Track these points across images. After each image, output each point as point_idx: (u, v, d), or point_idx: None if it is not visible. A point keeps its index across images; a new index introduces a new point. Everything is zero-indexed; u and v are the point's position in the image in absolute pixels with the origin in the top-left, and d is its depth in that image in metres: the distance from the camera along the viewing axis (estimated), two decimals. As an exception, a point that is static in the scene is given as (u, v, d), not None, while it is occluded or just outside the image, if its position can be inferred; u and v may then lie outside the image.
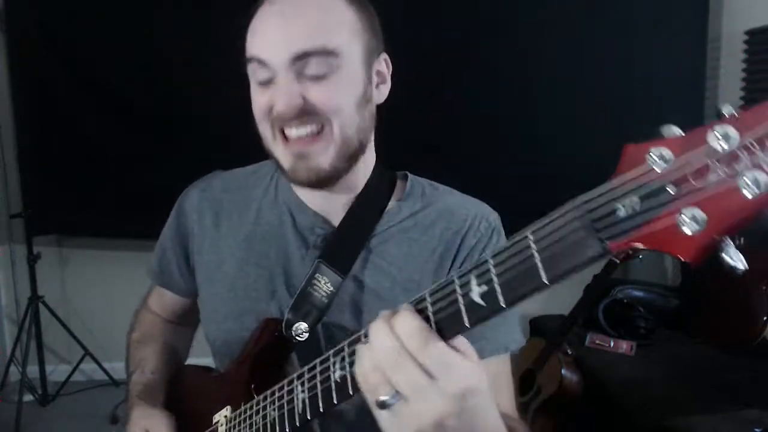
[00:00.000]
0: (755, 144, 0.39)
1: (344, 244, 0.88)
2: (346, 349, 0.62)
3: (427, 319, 0.54)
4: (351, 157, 0.84)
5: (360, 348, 0.56)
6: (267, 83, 0.80)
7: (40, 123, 2.72)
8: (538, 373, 2.18)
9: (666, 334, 2.41)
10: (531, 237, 0.49)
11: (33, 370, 2.83)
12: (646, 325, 2.39)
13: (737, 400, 1.89)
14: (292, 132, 0.80)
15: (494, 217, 0.92)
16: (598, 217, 0.45)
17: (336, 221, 0.90)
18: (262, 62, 0.79)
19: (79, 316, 2.99)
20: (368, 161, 0.91)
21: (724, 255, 0.41)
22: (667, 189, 0.42)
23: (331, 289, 0.85)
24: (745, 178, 0.39)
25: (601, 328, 2.38)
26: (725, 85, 2.87)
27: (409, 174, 0.96)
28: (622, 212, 0.44)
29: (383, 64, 0.88)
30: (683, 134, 0.44)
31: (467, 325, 0.52)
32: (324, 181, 0.84)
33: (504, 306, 0.50)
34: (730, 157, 0.40)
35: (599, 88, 2.71)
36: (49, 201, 2.76)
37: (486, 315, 0.51)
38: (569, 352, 2.18)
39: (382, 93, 0.88)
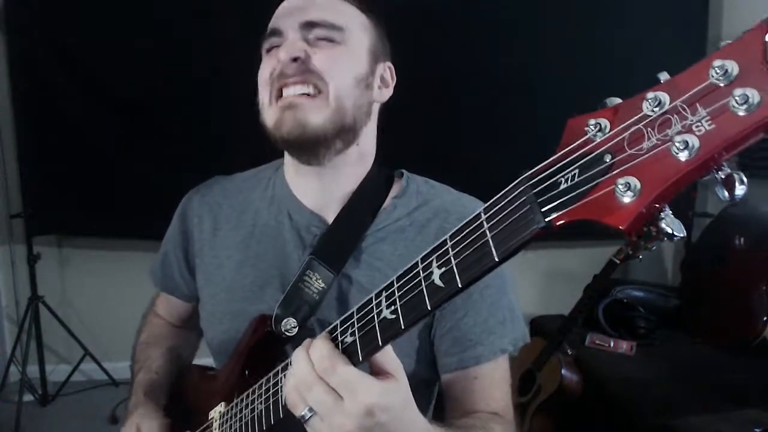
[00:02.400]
0: (685, 107, 0.39)
1: (337, 242, 0.88)
2: None
3: (371, 321, 0.59)
4: (342, 130, 0.83)
5: (288, 371, 0.63)
6: (275, 48, 0.84)
7: (40, 123, 2.71)
8: (538, 373, 2.18)
9: (666, 334, 2.41)
10: (483, 215, 0.50)
11: (33, 370, 2.82)
12: (646, 325, 2.39)
13: (737, 400, 1.89)
14: (289, 90, 0.82)
15: None
16: (541, 191, 0.45)
17: (331, 219, 0.90)
18: (275, 32, 0.84)
19: (79, 316, 2.99)
20: (366, 157, 0.92)
21: (661, 223, 0.41)
22: (604, 158, 0.42)
23: (323, 286, 0.85)
24: (675, 141, 0.39)
25: (601, 328, 2.38)
26: (725, 85, 2.87)
27: (405, 172, 0.96)
28: (563, 185, 0.44)
29: (387, 72, 0.91)
30: (620, 102, 0.44)
31: (428, 308, 0.54)
32: (308, 142, 0.82)
33: (461, 286, 0.51)
34: (663, 122, 0.40)
35: (599, 88, 2.69)
36: (49, 201, 2.76)
37: (445, 297, 0.52)
38: (569, 352, 2.18)
39: (383, 95, 0.90)
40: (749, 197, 0.41)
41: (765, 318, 2.12)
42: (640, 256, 2.31)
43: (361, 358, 0.60)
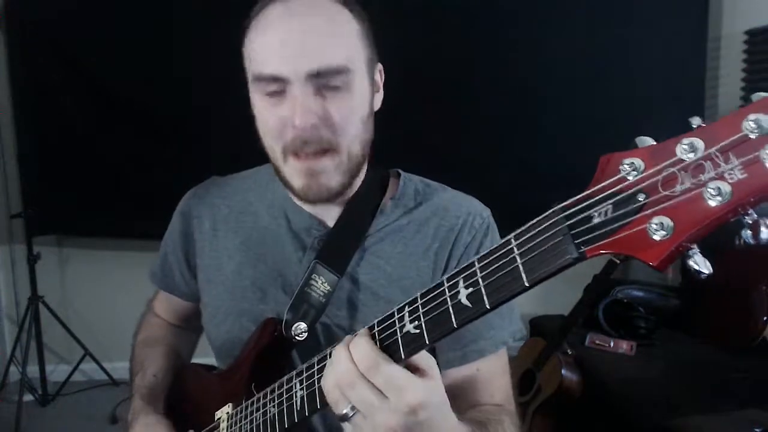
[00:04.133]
0: (719, 155, 0.42)
1: (340, 244, 0.89)
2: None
3: (392, 335, 0.60)
4: (356, 172, 0.86)
5: (327, 366, 0.63)
6: (278, 95, 0.79)
7: (40, 123, 2.72)
8: (538, 373, 2.18)
9: (666, 334, 2.41)
10: (514, 242, 0.52)
11: (33, 370, 2.83)
12: (646, 325, 2.39)
13: (737, 400, 1.89)
14: (306, 149, 0.79)
15: (487, 213, 0.93)
16: (575, 224, 0.48)
17: (331, 222, 0.91)
18: (278, 79, 0.77)
19: (79, 316, 2.99)
20: (365, 161, 0.92)
21: (690, 261, 0.44)
22: (638, 197, 0.45)
23: (329, 288, 0.86)
24: (709, 187, 0.41)
25: (601, 328, 2.38)
26: (725, 85, 2.87)
27: (401, 172, 0.97)
28: (596, 219, 0.47)
29: (378, 74, 0.88)
30: (654, 144, 0.46)
31: (455, 325, 0.56)
32: (333, 198, 0.85)
33: (489, 308, 0.53)
34: (696, 167, 0.43)
35: (599, 88, 2.71)
36: (49, 201, 2.76)
37: (472, 316, 0.55)
38: (569, 352, 2.18)
39: (377, 101, 0.89)
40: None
41: (765, 318, 2.12)
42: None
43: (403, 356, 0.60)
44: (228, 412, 0.86)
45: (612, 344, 2.29)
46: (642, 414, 1.89)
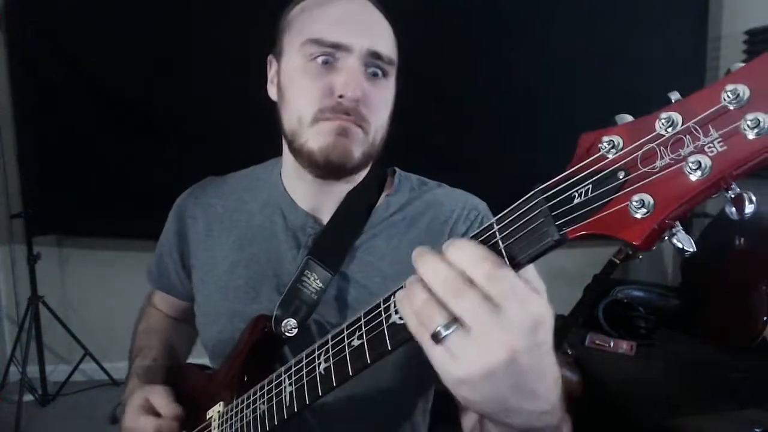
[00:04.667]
0: (698, 128, 0.41)
1: (333, 241, 0.88)
2: (329, 341, 0.64)
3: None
4: (370, 159, 0.87)
5: (401, 293, 0.52)
6: (326, 63, 0.80)
7: (40, 123, 2.72)
8: (538, 373, 2.18)
9: (666, 334, 2.41)
10: (496, 225, 0.50)
11: (33, 370, 2.83)
12: (646, 325, 2.39)
13: (737, 400, 1.89)
14: (342, 115, 0.81)
15: (483, 206, 0.93)
16: (555, 204, 0.46)
17: (326, 219, 0.91)
18: (341, 46, 0.79)
19: (79, 316, 2.99)
20: None
21: (674, 240, 0.42)
22: (618, 175, 0.44)
23: (321, 285, 0.85)
24: (689, 161, 0.40)
25: (601, 328, 2.38)
26: (725, 86, 2.87)
27: (397, 169, 0.97)
28: (577, 199, 0.45)
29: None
30: (633, 120, 0.45)
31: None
32: (343, 171, 0.84)
33: None
34: (676, 142, 0.42)
35: (599, 88, 2.71)
36: (49, 201, 2.76)
37: None
38: (569, 352, 2.18)
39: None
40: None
41: (765, 318, 2.12)
42: (640, 256, 2.31)
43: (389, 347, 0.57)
44: (219, 411, 0.85)
45: (612, 344, 2.29)
46: (642, 414, 1.89)
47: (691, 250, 0.42)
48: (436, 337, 0.47)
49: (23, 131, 2.78)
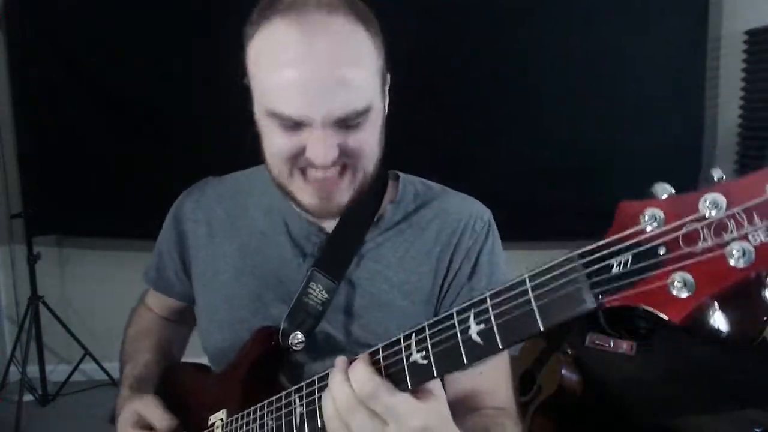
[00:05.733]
0: (742, 215, 0.42)
1: (337, 251, 0.87)
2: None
3: (399, 363, 0.59)
4: (366, 187, 0.82)
5: (324, 394, 0.63)
6: (294, 128, 0.74)
7: (40, 123, 2.71)
8: (538, 373, 2.18)
9: (666, 334, 2.41)
10: (529, 283, 0.51)
11: (33, 370, 2.83)
12: (646, 325, 2.39)
13: (737, 400, 1.89)
14: (318, 174, 0.76)
15: (488, 215, 0.93)
16: (594, 272, 0.47)
17: (330, 228, 0.89)
18: (299, 124, 0.73)
19: (79, 316, 2.99)
20: None
21: (710, 320, 0.44)
22: (658, 251, 0.44)
23: (326, 296, 0.85)
24: (733, 247, 0.41)
25: (601, 328, 2.38)
26: (725, 85, 2.87)
27: (400, 174, 0.96)
28: (615, 269, 0.46)
29: (386, 86, 0.84)
30: (675, 195, 0.45)
31: (465, 362, 0.55)
32: (337, 212, 0.84)
33: (501, 347, 0.53)
34: (719, 225, 0.42)
35: (599, 88, 2.71)
36: (49, 201, 2.76)
37: (483, 354, 0.54)
38: (569, 352, 2.18)
39: (386, 110, 0.85)
40: None
41: (765, 318, 2.11)
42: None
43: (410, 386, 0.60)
44: (222, 419, 0.85)
45: (612, 344, 2.29)
46: (642, 414, 1.89)
47: (726, 332, 0.45)
48: None
49: (23, 131, 2.77)
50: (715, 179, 0.44)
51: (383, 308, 0.87)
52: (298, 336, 0.84)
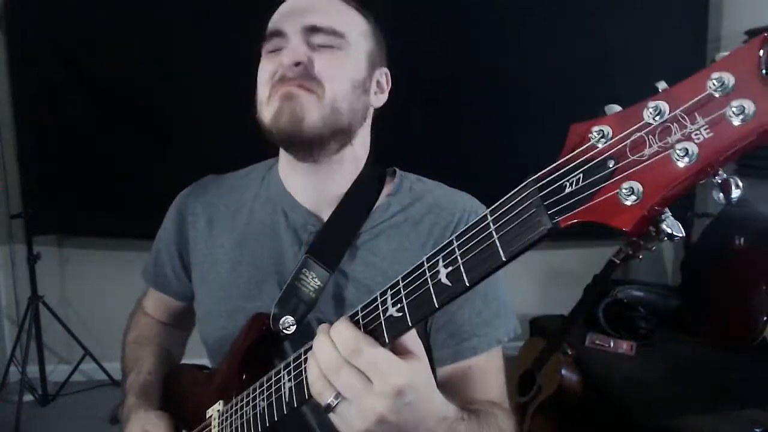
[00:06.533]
0: (685, 116, 0.42)
1: (332, 240, 0.88)
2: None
3: (376, 319, 0.60)
4: (337, 132, 0.84)
5: (309, 356, 0.63)
6: (277, 50, 0.85)
7: (40, 123, 2.71)
8: (538, 373, 2.18)
9: (666, 334, 2.41)
10: (490, 217, 0.52)
11: (33, 370, 2.83)
12: (646, 325, 2.39)
13: (737, 400, 1.89)
14: (286, 87, 0.82)
15: (482, 209, 0.93)
16: (548, 194, 0.48)
17: (326, 217, 0.91)
18: (277, 32, 0.85)
19: (79, 316, 2.99)
20: (359, 158, 0.92)
21: (662, 225, 0.44)
22: (608, 164, 0.45)
23: (319, 284, 0.85)
24: (676, 149, 0.41)
25: (601, 328, 2.38)
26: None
27: (397, 170, 0.97)
28: (568, 188, 0.47)
29: (384, 77, 0.92)
30: (622, 110, 0.46)
31: (436, 306, 0.55)
32: (304, 137, 0.83)
33: (468, 285, 0.53)
34: (663, 130, 0.43)
35: (599, 88, 2.71)
36: (49, 201, 2.76)
37: (452, 295, 0.54)
38: (569, 352, 2.18)
39: (378, 100, 0.92)
40: (749, 198, 0.42)
41: (765, 318, 2.12)
42: (640, 256, 2.32)
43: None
44: (219, 410, 0.85)
45: (612, 344, 2.29)
46: (642, 414, 1.89)
47: (680, 235, 0.44)
48: (329, 408, 0.60)
49: (23, 131, 2.77)
50: (660, 89, 0.44)
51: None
52: (289, 320, 0.84)
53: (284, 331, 0.84)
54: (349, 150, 0.89)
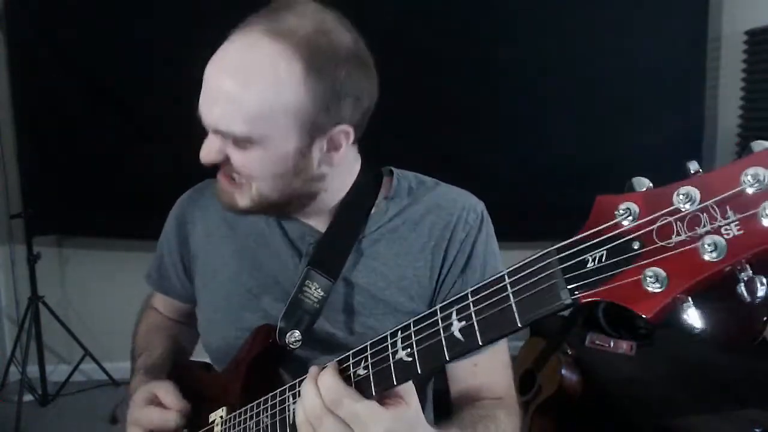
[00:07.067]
0: (715, 208, 0.41)
1: (332, 249, 0.88)
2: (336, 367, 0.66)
3: (386, 360, 0.60)
4: (281, 205, 0.85)
5: (297, 401, 0.65)
6: None
7: (40, 123, 2.71)
8: (538, 373, 2.18)
9: (666, 334, 2.41)
10: (507, 279, 0.51)
11: (33, 370, 2.82)
12: (646, 324, 2.38)
13: (737, 400, 1.89)
14: (218, 176, 0.84)
15: (481, 207, 0.93)
16: (569, 267, 0.47)
17: (323, 228, 0.90)
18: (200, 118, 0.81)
19: (79, 316, 2.99)
20: (347, 179, 0.90)
21: (683, 315, 0.43)
22: (633, 245, 0.44)
23: (322, 294, 0.85)
24: (705, 242, 0.40)
25: (601, 328, 2.38)
26: (725, 85, 2.88)
27: (393, 169, 0.96)
28: (590, 264, 0.46)
29: (340, 135, 0.81)
30: (651, 189, 0.45)
31: (447, 359, 0.56)
32: (247, 212, 0.85)
33: (480, 344, 0.53)
34: (692, 219, 0.42)
35: (599, 88, 2.71)
36: (49, 201, 2.75)
37: (464, 351, 0.55)
38: (569, 352, 2.18)
39: (334, 158, 0.83)
40: None
41: (765, 318, 2.12)
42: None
43: (374, 393, 0.61)
44: (222, 417, 0.85)
45: (612, 344, 2.29)
46: (642, 414, 1.89)
47: (700, 328, 0.43)
48: None
49: (23, 131, 2.77)
50: (692, 172, 0.43)
51: (380, 304, 0.88)
52: (296, 334, 0.84)
53: (291, 345, 0.84)
54: (324, 194, 0.88)
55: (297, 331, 0.84)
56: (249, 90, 0.75)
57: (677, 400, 1.93)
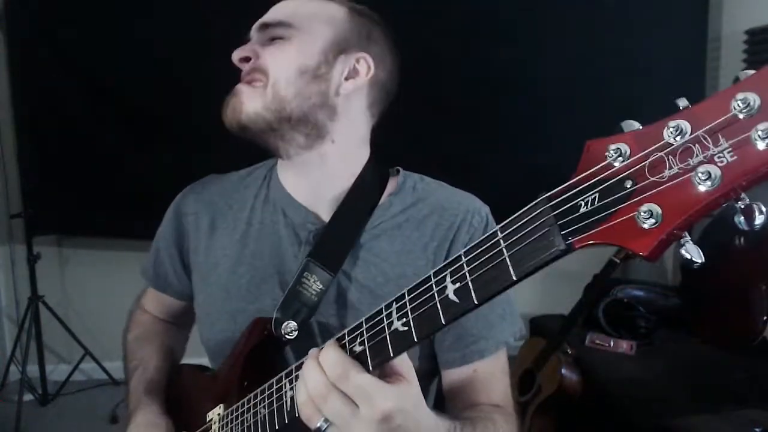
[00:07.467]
0: (707, 137, 0.40)
1: (334, 241, 0.88)
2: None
3: (382, 332, 0.59)
4: (285, 120, 0.84)
5: (297, 381, 0.63)
6: None
7: (40, 123, 2.71)
8: (538, 373, 2.18)
9: (666, 334, 2.41)
10: (500, 234, 0.50)
11: (33, 369, 2.83)
12: (646, 324, 2.39)
13: (737, 400, 1.89)
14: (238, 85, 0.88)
15: (486, 210, 0.93)
16: (561, 214, 0.46)
17: (326, 217, 0.90)
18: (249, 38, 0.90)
19: (79, 316, 2.99)
20: (354, 156, 0.92)
21: (682, 250, 0.42)
22: (625, 184, 0.43)
23: (321, 287, 0.85)
24: (698, 172, 0.39)
25: (601, 328, 2.38)
26: (725, 85, 2.85)
27: (401, 169, 0.97)
28: (583, 208, 0.45)
29: (362, 62, 0.87)
30: (641, 129, 0.44)
31: (443, 322, 0.54)
32: (248, 129, 0.85)
33: (476, 303, 0.52)
34: (684, 151, 0.41)
35: (599, 88, 2.71)
36: (49, 201, 2.75)
37: (459, 312, 0.53)
38: (569, 352, 2.18)
39: (350, 85, 0.87)
40: (749, 198, 0.41)
41: (765, 318, 2.11)
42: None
43: (371, 367, 0.60)
44: (219, 414, 0.85)
45: (612, 344, 2.29)
46: (642, 414, 1.89)
47: (700, 261, 0.42)
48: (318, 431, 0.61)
49: (23, 131, 2.77)
50: (681, 107, 0.42)
51: (378, 301, 0.87)
52: (291, 325, 0.84)
53: (287, 336, 0.84)
54: (329, 147, 0.88)
55: (292, 321, 0.84)
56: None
57: (677, 400, 1.93)
